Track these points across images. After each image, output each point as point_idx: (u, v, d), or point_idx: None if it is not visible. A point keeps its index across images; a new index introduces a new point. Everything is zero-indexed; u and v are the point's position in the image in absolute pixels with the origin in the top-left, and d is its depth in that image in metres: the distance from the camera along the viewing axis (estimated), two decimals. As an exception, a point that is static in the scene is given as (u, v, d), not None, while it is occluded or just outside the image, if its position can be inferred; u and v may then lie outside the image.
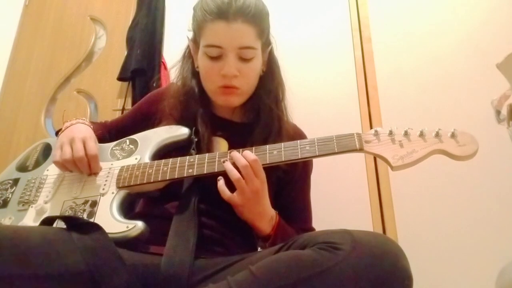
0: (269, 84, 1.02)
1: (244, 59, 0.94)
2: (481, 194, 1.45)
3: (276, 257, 0.69)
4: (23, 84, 2.19)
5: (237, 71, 0.93)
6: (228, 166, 0.84)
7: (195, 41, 0.99)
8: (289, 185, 1.02)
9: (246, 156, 0.84)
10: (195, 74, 1.02)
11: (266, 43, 1.01)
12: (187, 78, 1.03)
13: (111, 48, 2.16)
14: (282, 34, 1.08)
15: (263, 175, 0.85)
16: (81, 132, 0.96)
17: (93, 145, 0.94)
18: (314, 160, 1.06)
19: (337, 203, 1.52)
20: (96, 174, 0.94)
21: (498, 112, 1.05)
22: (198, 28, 0.95)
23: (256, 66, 0.97)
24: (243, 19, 0.91)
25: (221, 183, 0.85)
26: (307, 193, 1.07)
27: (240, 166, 0.83)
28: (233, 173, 0.83)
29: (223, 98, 0.98)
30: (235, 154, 0.85)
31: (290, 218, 0.99)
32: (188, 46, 1.05)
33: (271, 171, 0.90)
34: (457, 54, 1.65)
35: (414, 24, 1.74)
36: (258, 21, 0.94)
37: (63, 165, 0.93)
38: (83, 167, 0.92)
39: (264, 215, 0.88)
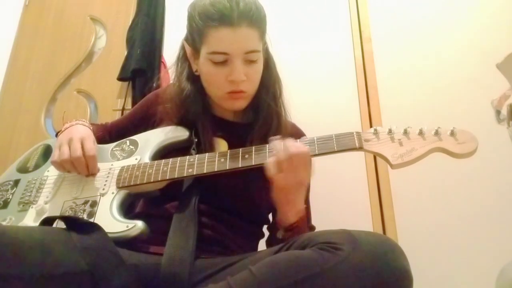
0: (266, 81, 1.01)
1: (249, 63, 0.92)
2: (481, 194, 1.45)
3: (276, 257, 0.69)
4: (23, 84, 2.19)
5: (244, 75, 0.92)
6: (278, 145, 0.81)
7: (194, 46, 0.96)
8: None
9: (299, 146, 0.81)
10: (193, 77, 1.00)
11: (264, 42, 0.99)
12: (184, 81, 1.01)
13: (111, 48, 2.16)
14: (282, 35, 1.07)
15: (311, 169, 0.84)
16: (79, 133, 0.96)
17: (91, 145, 0.93)
18: (314, 159, 1.06)
19: (337, 203, 1.52)
20: (94, 175, 0.93)
21: (498, 112, 1.06)
22: (200, 35, 0.92)
23: (260, 68, 0.96)
24: (247, 23, 0.88)
25: (272, 159, 0.81)
26: (307, 192, 1.07)
27: (297, 152, 0.79)
28: (284, 152, 0.79)
29: (230, 103, 0.97)
30: (291, 140, 0.82)
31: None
32: (182, 49, 1.03)
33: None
34: (457, 54, 1.65)
35: (414, 24, 1.74)
36: (260, 23, 0.92)
37: (61, 165, 0.92)
38: (81, 168, 0.92)
39: (296, 205, 0.86)
